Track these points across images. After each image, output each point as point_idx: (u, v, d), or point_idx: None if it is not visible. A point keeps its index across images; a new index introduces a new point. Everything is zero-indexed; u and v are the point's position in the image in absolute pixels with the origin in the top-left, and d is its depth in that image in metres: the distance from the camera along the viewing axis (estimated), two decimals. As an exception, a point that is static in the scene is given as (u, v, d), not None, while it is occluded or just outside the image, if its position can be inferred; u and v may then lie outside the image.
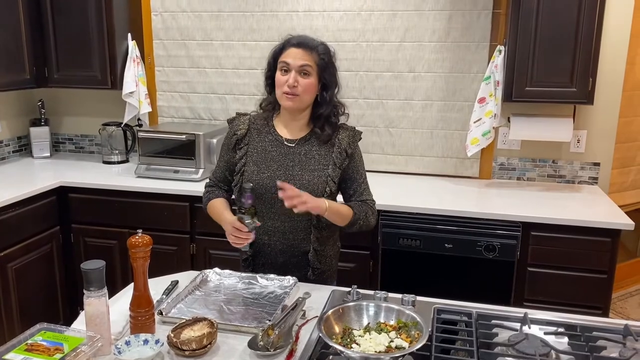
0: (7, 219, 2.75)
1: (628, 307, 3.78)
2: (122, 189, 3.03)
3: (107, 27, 3.21)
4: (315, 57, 1.79)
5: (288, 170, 1.84)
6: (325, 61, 1.81)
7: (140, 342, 1.41)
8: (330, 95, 1.84)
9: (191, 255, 3.02)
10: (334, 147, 1.86)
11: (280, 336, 1.43)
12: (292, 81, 1.76)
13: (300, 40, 1.80)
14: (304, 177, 1.83)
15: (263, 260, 1.93)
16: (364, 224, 1.88)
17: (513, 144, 3.14)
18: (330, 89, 1.84)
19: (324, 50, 1.82)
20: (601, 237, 2.51)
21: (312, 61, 1.78)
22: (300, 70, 1.77)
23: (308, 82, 1.78)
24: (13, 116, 3.62)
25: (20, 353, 1.27)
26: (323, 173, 1.84)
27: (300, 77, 1.77)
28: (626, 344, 1.43)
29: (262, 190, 1.84)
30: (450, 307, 1.62)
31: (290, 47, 1.79)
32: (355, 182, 1.90)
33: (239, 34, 3.34)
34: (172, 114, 3.57)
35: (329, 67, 1.82)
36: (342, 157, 1.86)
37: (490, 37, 3.02)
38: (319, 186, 1.83)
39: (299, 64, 1.77)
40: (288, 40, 1.82)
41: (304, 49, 1.78)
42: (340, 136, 1.87)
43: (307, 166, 1.84)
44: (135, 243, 1.42)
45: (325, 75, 1.81)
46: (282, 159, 1.86)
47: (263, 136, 1.90)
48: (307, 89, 1.79)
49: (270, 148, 1.88)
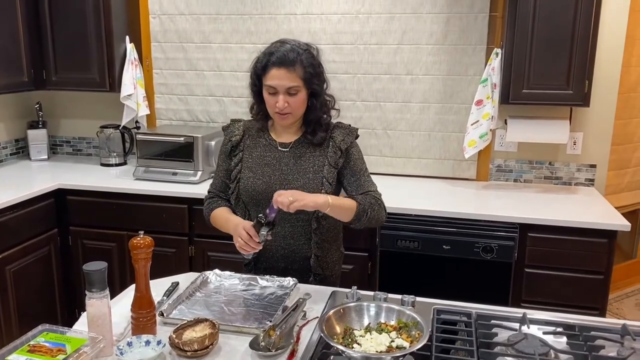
0: (5, 221, 2.75)
1: (624, 308, 3.80)
2: (121, 191, 3.03)
3: (105, 30, 3.22)
4: (300, 71, 1.73)
5: (283, 175, 1.84)
6: (311, 72, 1.75)
7: (142, 343, 1.41)
8: (319, 101, 1.81)
9: (190, 257, 3.02)
10: (329, 147, 1.85)
11: (281, 337, 1.44)
12: (282, 104, 1.73)
13: (281, 57, 1.73)
14: (299, 180, 1.83)
15: (265, 265, 1.93)
16: (372, 217, 1.78)
17: (510, 146, 3.16)
18: (320, 95, 1.81)
19: (307, 59, 1.76)
20: (597, 238, 2.53)
21: (298, 77, 1.73)
22: (287, 91, 1.74)
23: (298, 100, 1.76)
24: (11, 119, 3.61)
25: (22, 354, 1.27)
26: (318, 175, 1.83)
27: (289, 97, 1.74)
28: (624, 344, 1.44)
29: (259, 196, 1.84)
30: (449, 308, 1.64)
31: (272, 67, 1.73)
32: (354, 176, 1.86)
33: (237, 37, 3.35)
34: (170, 116, 3.58)
35: (315, 75, 1.77)
36: (337, 156, 1.84)
37: (487, 40, 3.04)
38: (315, 189, 1.81)
39: (285, 86, 1.73)
40: (268, 59, 1.74)
41: (286, 68, 1.72)
42: (334, 135, 1.86)
43: (302, 169, 1.84)
44: (137, 244, 1.43)
45: (313, 85, 1.77)
46: (276, 163, 1.86)
47: (257, 141, 1.90)
48: (298, 105, 1.77)
49: (264, 153, 1.88)
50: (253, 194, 1.84)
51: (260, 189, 1.84)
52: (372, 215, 1.79)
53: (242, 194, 1.87)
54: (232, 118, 2.03)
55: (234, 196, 1.89)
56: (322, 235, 1.87)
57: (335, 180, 1.85)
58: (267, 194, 1.81)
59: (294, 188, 1.76)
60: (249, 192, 1.86)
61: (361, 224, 1.79)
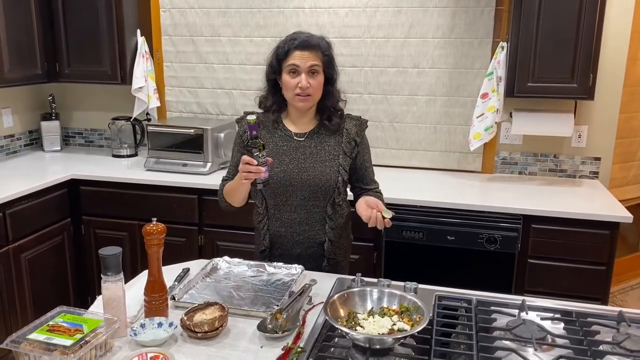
0: (20, 210, 2.83)
1: (628, 300, 3.83)
2: (132, 181, 3.10)
3: (116, 23, 3.28)
4: (320, 55, 1.85)
5: (300, 164, 1.89)
6: (328, 58, 1.87)
7: (155, 325, 1.48)
8: (334, 88, 1.92)
9: (199, 246, 3.09)
10: (343, 136, 1.92)
11: (287, 320, 1.50)
12: (305, 83, 1.81)
13: (303, 41, 1.83)
14: (317, 168, 1.89)
15: (280, 251, 1.98)
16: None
17: (515, 139, 3.19)
18: (335, 82, 1.92)
19: (326, 45, 1.88)
20: (600, 229, 2.56)
21: (319, 59, 1.84)
22: (309, 70, 1.82)
23: (318, 81, 1.84)
24: (24, 110, 3.69)
25: (42, 333, 1.34)
26: (335, 163, 1.90)
27: (310, 78, 1.82)
28: (620, 330, 1.49)
29: (276, 184, 1.89)
30: (450, 294, 1.69)
31: (295, 50, 1.82)
32: (363, 169, 1.98)
33: (246, 30, 3.40)
34: (180, 108, 3.64)
35: (331, 61, 1.89)
36: (352, 146, 1.93)
37: (493, 34, 3.07)
38: (332, 176, 1.89)
39: (308, 64, 1.81)
40: (292, 43, 1.84)
41: (309, 50, 1.82)
42: (347, 126, 1.94)
43: (319, 158, 1.90)
44: (150, 231, 1.49)
45: (330, 70, 1.88)
46: (293, 152, 1.91)
47: (273, 133, 1.94)
48: (318, 87, 1.85)
49: (280, 143, 1.93)
50: (271, 182, 1.88)
51: (279, 177, 1.89)
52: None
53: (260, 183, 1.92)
54: (245, 111, 2.07)
55: (253, 186, 1.93)
56: (337, 221, 1.94)
57: (349, 168, 1.93)
58: (285, 182, 1.88)
59: (311, 176, 1.86)
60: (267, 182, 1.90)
61: None
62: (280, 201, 1.91)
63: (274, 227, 1.95)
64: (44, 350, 1.29)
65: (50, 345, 1.30)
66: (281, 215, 1.93)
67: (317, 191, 1.88)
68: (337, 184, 1.89)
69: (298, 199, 1.89)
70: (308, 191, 1.88)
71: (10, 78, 3.12)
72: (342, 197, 1.94)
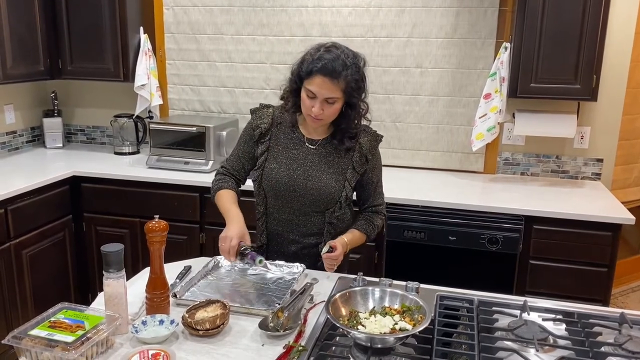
0: (22, 207, 2.83)
1: (630, 302, 3.82)
2: (134, 179, 3.10)
3: (119, 21, 3.28)
4: (343, 84, 1.71)
5: (307, 171, 1.87)
6: (352, 87, 1.73)
7: (156, 322, 1.48)
8: (353, 114, 1.81)
9: (200, 244, 3.09)
10: (354, 151, 1.88)
11: (289, 318, 1.50)
12: (318, 111, 1.73)
13: (328, 66, 1.69)
14: (323, 179, 1.86)
15: (276, 248, 1.98)
16: (375, 233, 2.00)
17: (517, 140, 3.19)
18: (356, 106, 1.80)
19: (352, 74, 1.72)
20: (602, 231, 2.56)
21: (339, 90, 1.72)
22: (325, 100, 1.73)
23: (333, 109, 1.76)
24: (27, 107, 3.69)
25: (44, 329, 1.34)
26: (341, 177, 1.87)
27: (325, 105, 1.74)
28: (621, 331, 1.49)
29: (280, 187, 1.88)
30: (452, 294, 1.68)
31: (318, 74, 1.70)
32: (370, 185, 1.95)
33: (248, 29, 3.40)
34: (182, 106, 3.64)
35: (356, 89, 1.75)
36: (362, 162, 1.89)
37: (497, 34, 3.07)
38: (336, 189, 1.86)
39: (325, 95, 1.72)
40: (315, 65, 1.70)
41: (331, 78, 1.69)
42: (361, 140, 1.88)
43: (327, 169, 1.87)
44: (153, 228, 1.49)
45: (352, 99, 1.77)
46: (302, 159, 1.88)
47: (286, 133, 1.91)
48: (332, 114, 1.78)
49: (291, 146, 1.90)
50: (275, 185, 1.88)
51: (283, 182, 1.87)
52: (375, 232, 2.00)
53: (264, 183, 1.90)
54: (262, 103, 2.01)
55: (257, 184, 1.93)
56: (336, 229, 1.93)
57: (355, 183, 1.92)
58: (288, 187, 1.86)
59: (315, 185, 1.84)
60: (271, 183, 1.89)
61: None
62: (281, 203, 1.91)
63: (271, 225, 1.95)
64: (45, 346, 1.29)
65: (51, 341, 1.30)
66: (280, 216, 1.93)
67: (318, 200, 1.87)
68: (340, 198, 1.87)
69: (299, 204, 1.88)
70: (310, 199, 1.87)
71: (12, 74, 3.12)
72: (343, 211, 1.91)
